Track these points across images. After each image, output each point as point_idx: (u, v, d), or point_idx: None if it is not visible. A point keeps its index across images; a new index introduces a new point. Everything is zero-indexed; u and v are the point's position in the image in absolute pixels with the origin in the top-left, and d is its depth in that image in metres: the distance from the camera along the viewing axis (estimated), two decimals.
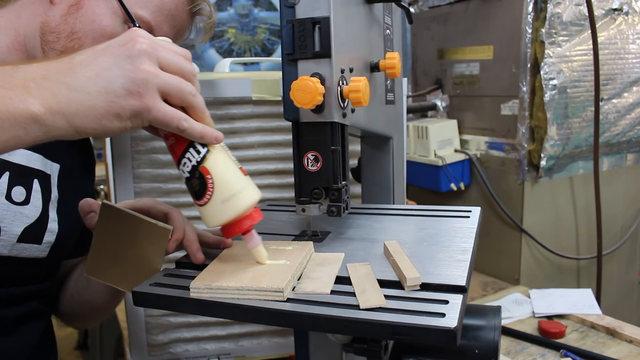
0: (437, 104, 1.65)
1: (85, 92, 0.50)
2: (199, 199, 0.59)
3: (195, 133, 0.57)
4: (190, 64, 0.58)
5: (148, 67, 0.53)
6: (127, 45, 0.53)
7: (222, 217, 0.59)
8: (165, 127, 0.55)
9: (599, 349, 1.05)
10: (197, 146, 0.58)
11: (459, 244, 0.66)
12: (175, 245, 0.69)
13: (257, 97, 0.94)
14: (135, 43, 0.53)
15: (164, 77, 0.54)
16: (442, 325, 0.47)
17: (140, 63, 0.52)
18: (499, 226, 1.50)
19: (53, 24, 0.75)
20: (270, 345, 1.03)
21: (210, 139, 0.58)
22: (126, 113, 0.52)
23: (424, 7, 1.70)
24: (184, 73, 0.56)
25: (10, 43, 0.77)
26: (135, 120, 0.53)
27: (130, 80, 0.52)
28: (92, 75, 0.51)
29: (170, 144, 0.60)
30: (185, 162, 0.59)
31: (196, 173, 0.58)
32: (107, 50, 0.53)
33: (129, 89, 0.51)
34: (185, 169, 0.59)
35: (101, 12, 0.74)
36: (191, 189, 0.59)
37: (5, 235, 0.71)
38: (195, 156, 0.58)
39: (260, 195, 0.61)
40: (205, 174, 0.58)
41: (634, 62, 1.54)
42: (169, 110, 0.54)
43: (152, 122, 0.54)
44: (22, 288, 0.76)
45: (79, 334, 2.65)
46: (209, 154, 0.58)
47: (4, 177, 0.71)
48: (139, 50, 0.53)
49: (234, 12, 1.78)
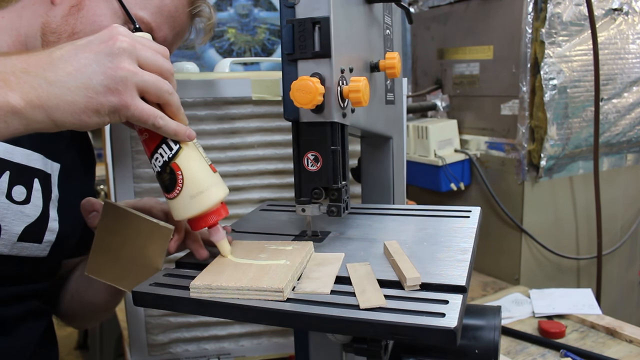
0: (437, 104, 1.65)
1: (65, 87, 0.51)
2: (168, 192, 0.61)
3: (170, 131, 0.59)
4: (169, 62, 0.59)
5: (127, 65, 0.54)
6: (107, 42, 0.54)
7: (189, 212, 0.61)
8: (141, 124, 0.57)
9: (599, 349, 1.05)
10: (170, 143, 0.61)
11: (459, 244, 0.66)
12: (177, 245, 0.70)
13: (257, 97, 0.94)
14: (116, 41, 0.54)
15: (142, 75, 0.55)
16: (442, 325, 0.47)
17: (120, 61, 0.53)
18: (499, 226, 1.50)
19: (54, 25, 0.75)
20: (270, 345, 1.03)
21: (183, 137, 0.60)
22: (105, 109, 0.53)
23: (424, 7, 1.70)
24: (162, 71, 0.57)
25: (12, 43, 0.77)
26: (113, 116, 0.54)
27: (110, 78, 0.53)
28: (72, 71, 0.52)
29: (144, 138, 0.62)
30: (158, 157, 0.61)
31: (167, 168, 0.60)
32: (87, 47, 0.54)
33: (108, 86, 0.53)
34: (157, 164, 0.61)
35: (102, 13, 0.75)
36: (162, 183, 0.62)
37: (5, 235, 0.71)
38: (168, 152, 0.60)
39: (226, 193, 0.63)
40: (176, 170, 0.60)
41: (634, 62, 1.54)
42: (146, 107, 0.56)
43: (129, 119, 0.55)
44: (22, 287, 0.77)
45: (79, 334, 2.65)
46: (180, 151, 0.60)
47: (4, 176, 0.71)
48: (119, 48, 0.54)
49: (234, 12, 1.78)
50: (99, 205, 0.71)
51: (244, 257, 0.64)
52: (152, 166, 0.62)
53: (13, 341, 0.76)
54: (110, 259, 0.71)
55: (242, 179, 0.97)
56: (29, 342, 0.79)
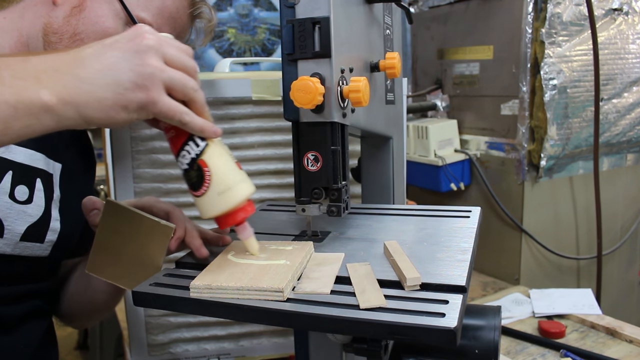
0: (437, 104, 1.65)
1: (94, 84, 0.52)
2: (196, 190, 0.60)
3: (196, 127, 0.59)
4: (193, 60, 0.60)
5: (154, 62, 0.54)
6: (134, 40, 0.55)
7: (217, 209, 0.60)
8: (168, 120, 0.57)
9: (599, 349, 1.05)
10: (197, 139, 0.60)
11: (459, 244, 0.66)
12: (177, 243, 0.70)
13: (257, 97, 0.94)
14: (143, 39, 0.55)
15: (169, 72, 0.55)
16: (442, 325, 0.47)
17: (148, 58, 0.54)
18: (499, 226, 1.50)
19: (56, 25, 0.75)
20: (270, 345, 1.03)
21: (209, 133, 0.60)
22: (133, 105, 0.54)
23: (424, 7, 1.70)
24: (187, 69, 0.58)
25: (13, 44, 0.78)
26: (141, 112, 0.54)
27: (138, 74, 0.53)
28: (101, 68, 0.52)
29: (171, 136, 0.62)
30: (185, 154, 0.60)
31: (194, 165, 0.60)
32: (115, 45, 0.54)
33: (136, 82, 0.53)
34: (183, 161, 0.61)
35: (103, 14, 0.75)
36: (188, 181, 0.61)
37: (8, 234, 0.71)
38: (195, 149, 0.60)
39: (254, 189, 0.62)
40: (203, 167, 0.59)
41: (634, 62, 1.54)
42: (173, 104, 0.56)
43: (156, 115, 0.56)
44: (24, 286, 0.77)
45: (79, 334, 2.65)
46: (207, 148, 0.60)
47: (7, 176, 0.71)
48: (146, 45, 0.54)
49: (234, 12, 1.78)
50: (100, 203, 0.72)
51: (244, 257, 0.64)
52: (178, 164, 0.62)
53: (15, 341, 0.76)
54: (111, 257, 0.71)
55: None
56: (31, 342, 0.79)
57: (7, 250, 0.72)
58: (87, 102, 0.52)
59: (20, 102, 0.49)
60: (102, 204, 0.71)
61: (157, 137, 0.93)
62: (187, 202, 0.95)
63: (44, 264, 0.78)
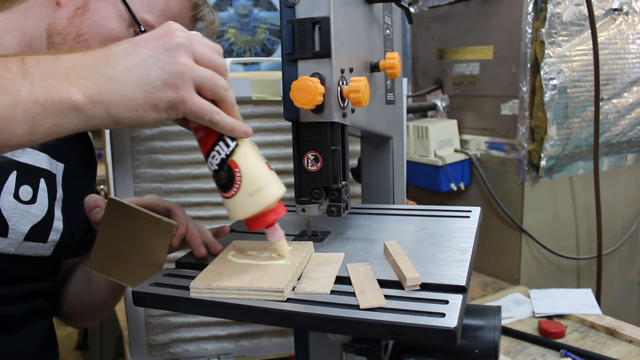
0: (437, 104, 1.65)
1: (123, 83, 0.51)
2: (226, 191, 0.59)
3: (227, 126, 0.57)
4: (223, 58, 0.59)
5: (185, 60, 0.53)
6: (164, 38, 0.54)
7: (248, 210, 0.59)
8: (198, 119, 0.56)
9: (599, 349, 1.05)
10: (227, 140, 0.59)
11: (459, 244, 0.66)
12: (179, 240, 0.70)
13: (257, 97, 0.94)
14: (173, 36, 0.54)
15: (199, 70, 0.54)
16: (442, 325, 0.47)
17: (178, 56, 0.53)
18: (499, 226, 1.50)
19: (60, 26, 0.75)
20: (270, 345, 1.03)
21: (240, 133, 0.59)
22: (163, 104, 0.53)
23: (424, 7, 1.70)
24: (217, 67, 0.57)
25: (17, 44, 0.78)
26: (170, 111, 0.54)
27: (168, 73, 0.52)
28: (131, 66, 0.52)
29: (200, 136, 0.60)
30: (215, 154, 0.59)
31: (225, 166, 0.58)
32: (144, 43, 0.54)
33: (166, 81, 0.52)
34: (213, 162, 0.59)
35: (107, 15, 0.75)
36: (218, 182, 0.60)
37: (13, 234, 0.71)
38: (225, 149, 0.58)
39: (284, 190, 0.61)
40: (234, 167, 0.58)
41: (634, 62, 1.54)
42: (203, 103, 0.55)
43: (186, 114, 0.55)
44: (27, 286, 0.77)
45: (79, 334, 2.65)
46: (237, 148, 0.59)
47: (11, 176, 0.71)
48: (176, 43, 0.53)
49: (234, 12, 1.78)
50: (102, 201, 0.72)
51: (244, 257, 0.64)
52: (208, 165, 0.60)
53: (18, 340, 0.76)
54: (113, 255, 0.72)
55: None
56: (33, 342, 0.79)
57: (11, 250, 0.72)
58: (116, 101, 0.51)
59: (50, 100, 0.48)
60: (104, 201, 0.71)
61: (157, 137, 0.93)
62: (187, 201, 0.95)
63: (46, 263, 0.78)
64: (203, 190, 0.96)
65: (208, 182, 0.96)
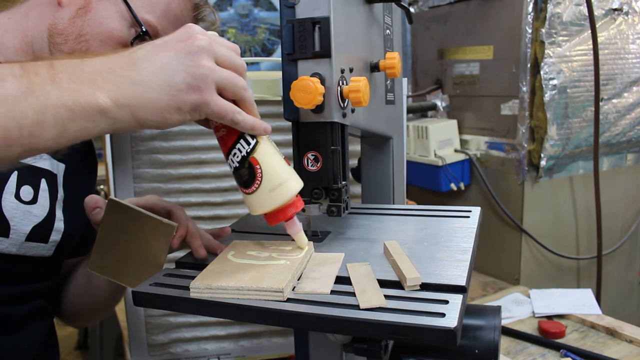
0: (437, 104, 1.65)
1: (148, 86, 0.52)
2: (247, 187, 0.61)
3: (247, 125, 0.59)
4: (241, 59, 0.59)
5: (207, 63, 0.54)
6: (186, 41, 0.54)
7: (269, 205, 0.61)
8: (220, 119, 0.57)
9: (599, 349, 1.05)
10: (247, 137, 0.60)
11: (459, 244, 0.66)
12: (179, 241, 0.70)
13: (257, 97, 0.94)
14: (195, 39, 0.54)
15: (220, 72, 0.55)
16: (442, 325, 0.47)
17: (200, 59, 0.54)
18: (499, 226, 1.50)
19: (61, 26, 0.75)
20: (270, 345, 1.03)
21: (260, 131, 0.60)
22: (187, 106, 0.54)
23: (424, 7, 1.70)
24: (237, 68, 0.58)
25: (18, 44, 0.78)
26: (194, 113, 0.55)
27: (191, 75, 0.53)
28: (155, 70, 0.53)
29: (221, 135, 0.62)
30: (236, 152, 0.60)
31: (246, 163, 0.60)
32: (166, 46, 0.54)
33: (189, 84, 0.53)
34: (235, 159, 0.61)
35: (109, 15, 0.75)
36: (239, 179, 0.61)
37: (14, 234, 0.71)
38: (245, 147, 0.60)
39: (302, 185, 0.62)
40: (255, 164, 0.60)
41: (634, 62, 1.54)
42: (224, 103, 0.56)
43: (209, 116, 0.56)
44: (28, 286, 0.77)
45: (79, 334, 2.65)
46: (257, 145, 0.60)
47: (12, 176, 0.71)
48: (198, 46, 0.54)
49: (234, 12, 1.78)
50: (102, 202, 0.72)
51: (244, 257, 0.64)
52: (228, 163, 0.62)
53: (19, 340, 0.76)
54: (113, 255, 0.72)
55: None
56: (34, 342, 0.79)
57: (12, 251, 0.72)
58: (141, 104, 0.52)
59: (78, 104, 0.49)
60: (104, 202, 0.71)
61: (157, 137, 0.93)
62: (187, 202, 0.95)
63: (47, 263, 0.79)
64: (203, 190, 0.96)
65: (208, 182, 0.96)
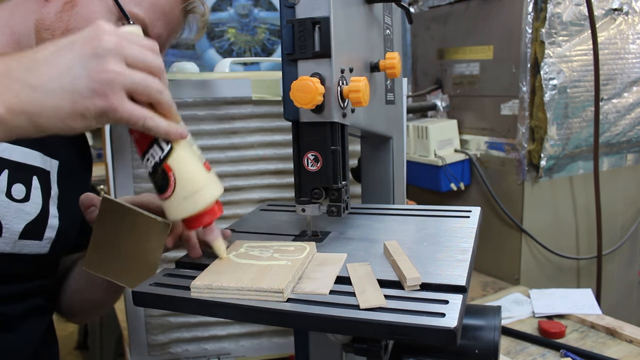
0: (437, 104, 1.65)
1: (48, 92, 0.49)
2: (161, 193, 0.60)
3: (161, 131, 0.56)
4: (158, 58, 0.56)
5: (114, 67, 0.51)
6: (92, 42, 0.51)
7: (183, 213, 0.60)
8: (131, 125, 0.55)
9: (599, 349, 1.05)
10: (161, 143, 0.59)
11: (459, 244, 0.66)
12: (174, 240, 0.70)
13: (257, 97, 0.94)
14: (101, 41, 0.51)
15: (130, 75, 0.52)
16: (442, 325, 0.47)
17: (106, 63, 0.51)
18: (499, 226, 1.50)
19: (48, 21, 0.75)
20: (270, 345, 1.03)
21: (175, 137, 0.58)
22: (91, 113, 0.51)
23: (424, 7, 1.70)
24: (151, 69, 0.55)
25: (5, 41, 0.77)
26: (100, 119, 0.52)
27: (96, 81, 0.50)
28: (56, 74, 0.50)
29: (135, 138, 0.61)
30: (149, 158, 0.59)
31: (159, 169, 0.59)
32: (71, 47, 0.51)
33: (94, 90, 0.50)
34: (148, 165, 0.60)
35: (96, 9, 0.74)
36: (154, 184, 0.61)
37: (7, 233, 0.71)
38: (159, 153, 0.59)
39: (221, 192, 0.62)
40: (168, 172, 0.59)
41: (634, 62, 1.54)
42: (135, 109, 0.53)
43: (117, 122, 0.53)
44: (25, 285, 0.77)
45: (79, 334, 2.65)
46: (172, 152, 0.59)
47: (3, 174, 0.71)
48: (104, 48, 0.51)
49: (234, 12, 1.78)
50: (97, 200, 0.72)
51: (245, 257, 0.64)
52: (144, 166, 0.61)
53: (17, 339, 0.76)
54: (108, 254, 0.72)
55: (242, 179, 0.97)
56: (32, 340, 0.79)
57: (6, 249, 0.72)
58: (40, 112, 0.49)
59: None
60: (99, 200, 0.71)
61: None
62: None
63: (44, 261, 0.78)
64: None
65: None
